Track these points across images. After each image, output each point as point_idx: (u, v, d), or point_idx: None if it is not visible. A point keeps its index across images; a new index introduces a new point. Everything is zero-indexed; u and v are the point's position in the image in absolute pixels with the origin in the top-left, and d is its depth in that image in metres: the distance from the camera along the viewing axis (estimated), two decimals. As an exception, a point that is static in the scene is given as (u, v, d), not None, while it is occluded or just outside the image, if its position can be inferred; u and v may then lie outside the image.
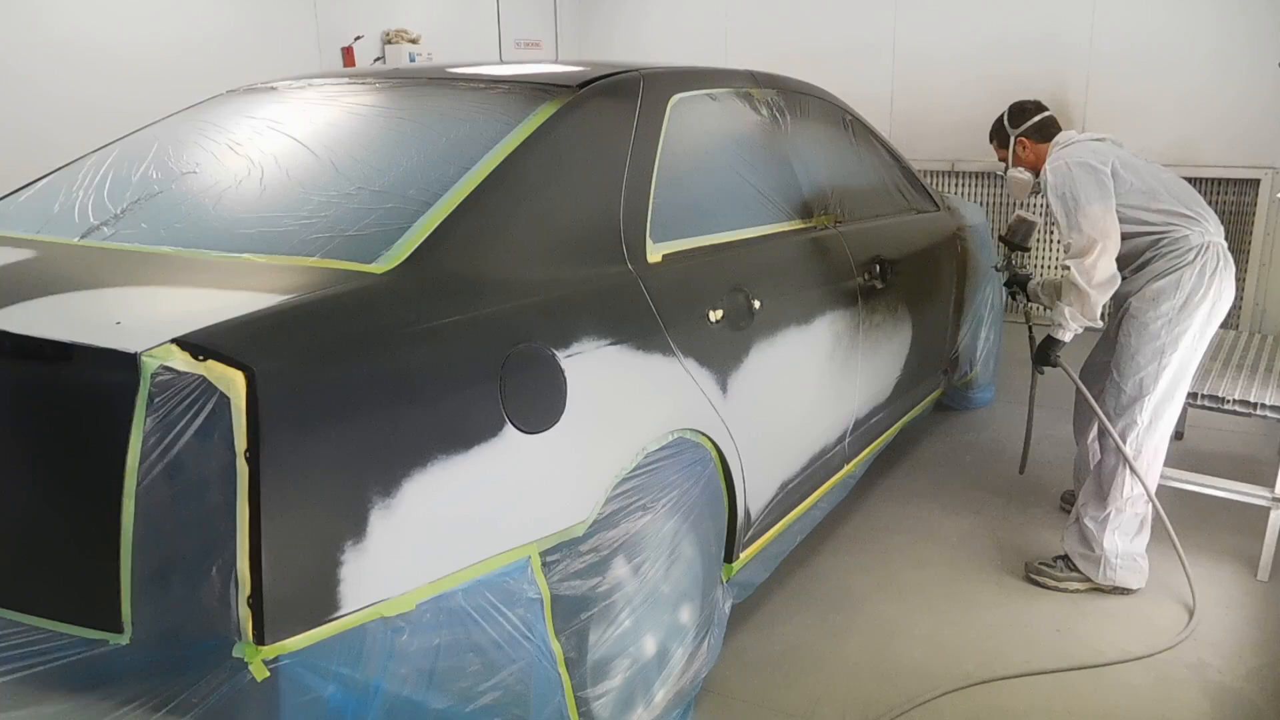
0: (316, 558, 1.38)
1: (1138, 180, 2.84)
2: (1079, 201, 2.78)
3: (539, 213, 1.94)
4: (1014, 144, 3.17)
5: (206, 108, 2.49)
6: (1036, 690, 2.39)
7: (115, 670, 1.36)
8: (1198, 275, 2.77)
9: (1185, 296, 2.77)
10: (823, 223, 2.89)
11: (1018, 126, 3.16)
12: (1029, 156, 3.16)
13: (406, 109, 2.25)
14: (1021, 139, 3.16)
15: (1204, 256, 2.79)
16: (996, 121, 3.26)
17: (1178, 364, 2.80)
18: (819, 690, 2.38)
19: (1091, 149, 2.89)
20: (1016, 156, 3.19)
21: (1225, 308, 2.86)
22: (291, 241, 1.75)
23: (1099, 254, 2.73)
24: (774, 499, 2.54)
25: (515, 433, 1.65)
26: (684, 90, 2.46)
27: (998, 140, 3.26)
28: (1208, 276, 2.78)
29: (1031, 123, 3.14)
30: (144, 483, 1.32)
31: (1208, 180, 5.69)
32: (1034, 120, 3.15)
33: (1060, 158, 2.91)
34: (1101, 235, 2.74)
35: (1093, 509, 2.87)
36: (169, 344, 1.32)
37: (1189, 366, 2.85)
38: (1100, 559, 2.83)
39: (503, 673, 1.65)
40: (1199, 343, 2.84)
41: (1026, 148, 3.16)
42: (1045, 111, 3.17)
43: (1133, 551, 2.85)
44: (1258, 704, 2.34)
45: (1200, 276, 2.77)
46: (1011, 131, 3.17)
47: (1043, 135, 3.13)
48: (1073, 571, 2.88)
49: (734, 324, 2.27)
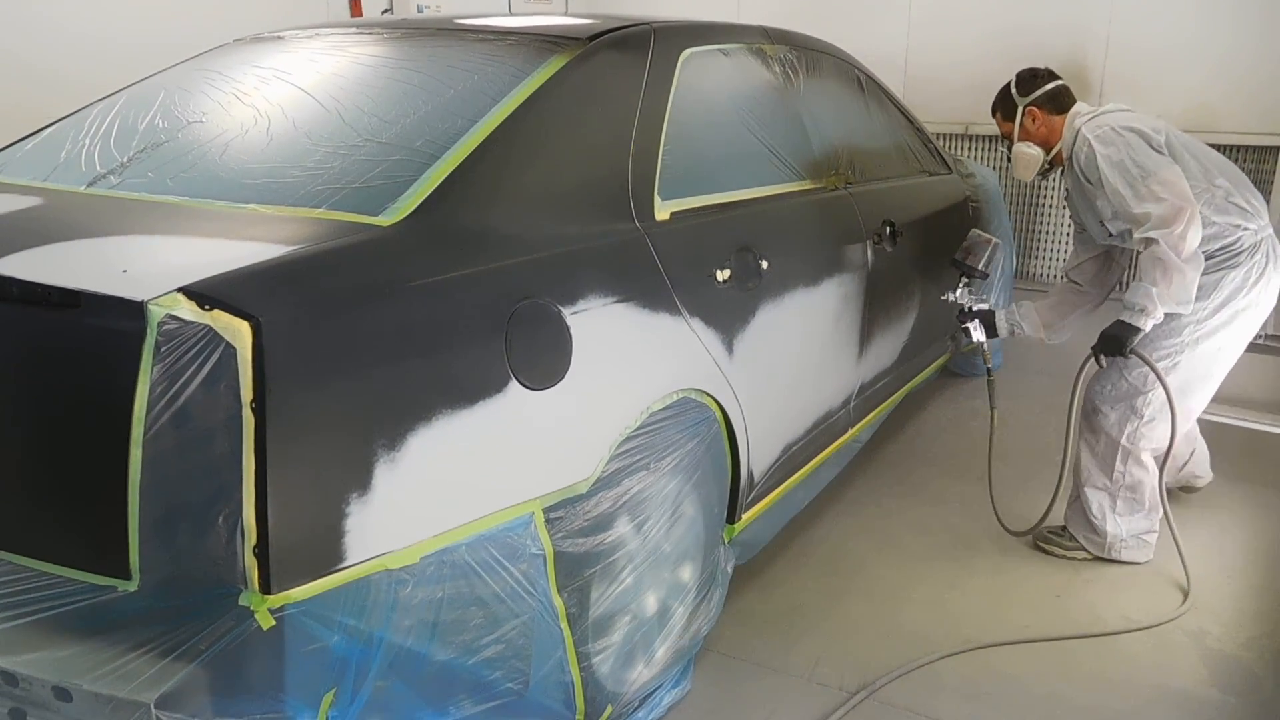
0: (322, 509, 1.39)
1: (1194, 162, 2.61)
2: (1146, 167, 2.52)
3: (546, 167, 1.93)
4: (1022, 114, 2.88)
5: (213, 56, 2.47)
6: (1035, 655, 2.41)
7: (123, 616, 1.38)
8: (1242, 278, 2.60)
9: (1223, 300, 2.60)
10: (833, 183, 2.86)
11: (1027, 94, 2.86)
12: (1039, 130, 2.87)
13: (414, 60, 2.22)
14: (1031, 109, 2.86)
15: (1254, 257, 2.61)
16: (1002, 91, 2.96)
17: (1188, 369, 2.64)
18: (818, 651, 2.40)
19: (1136, 116, 2.66)
20: (1024, 129, 2.89)
21: (1260, 318, 2.68)
22: (298, 192, 1.74)
23: (1187, 221, 2.44)
24: (777, 461, 2.54)
25: (520, 389, 1.65)
26: (695, 45, 2.43)
27: (1002, 112, 2.97)
28: (1251, 281, 2.62)
29: (1044, 90, 2.85)
30: (151, 431, 1.32)
31: (1226, 147, 5.61)
32: (1046, 89, 2.85)
33: (1103, 124, 2.65)
34: (1184, 199, 2.45)
35: (1091, 485, 2.83)
36: (175, 293, 1.32)
37: (1205, 380, 2.68)
38: (1104, 542, 2.82)
39: (505, 627, 1.67)
40: (1222, 355, 2.67)
41: (1037, 119, 2.86)
42: (1058, 80, 2.88)
43: (1137, 530, 2.81)
44: (1256, 671, 2.36)
45: (1245, 280, 2.61)
46: (1020, 100, 2.88)
47: (1056, 106, 2.85)
48: (1076, 540, 2.88)
49: (741, 284, 2.25)
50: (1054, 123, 2.87)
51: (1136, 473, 2.77)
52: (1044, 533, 2.91)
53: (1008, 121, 2.97)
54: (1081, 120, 2.75)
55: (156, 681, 1.33)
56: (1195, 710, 2.22)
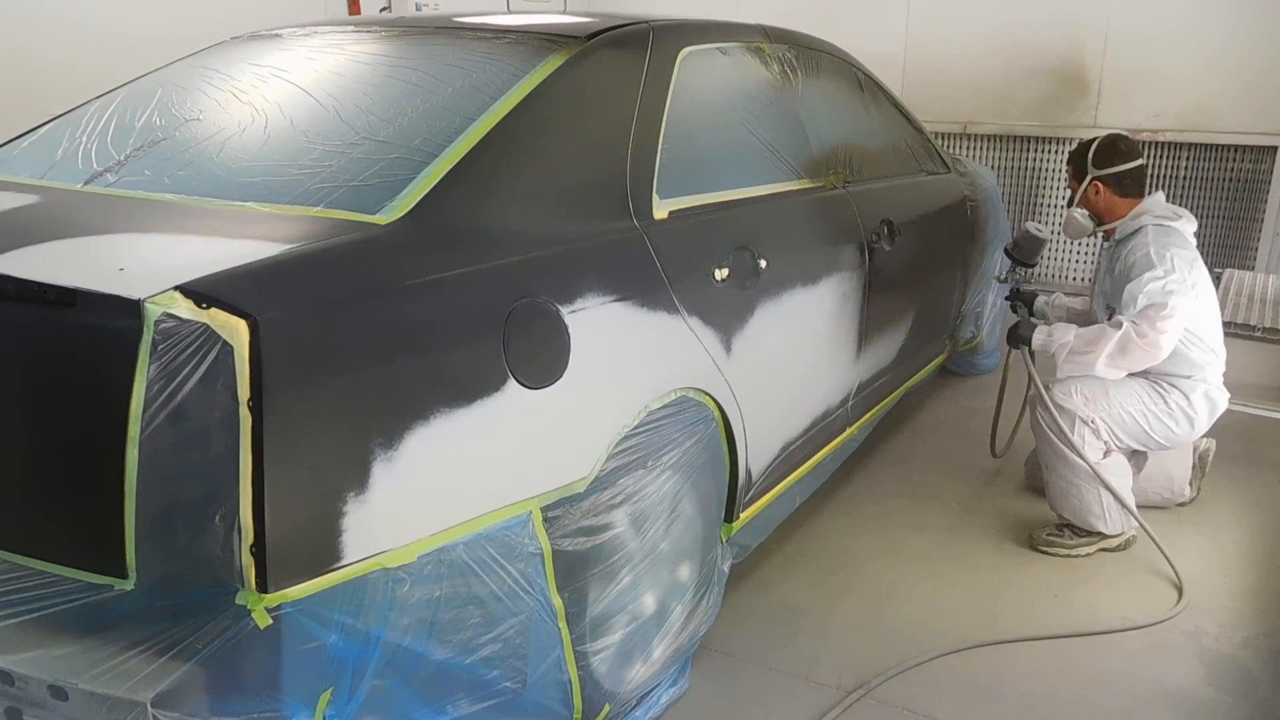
0: (319, 508, 1.39)
1: (1199, 305, 2.79)
2: (1169, 301, 2.68)
3: (544, 166, 1.93)
4: (1088, 184, 2.95)
5: (210, 54, 2.46)
6: (1033, 654, 2.41)
7: (119, 615, 1.38)
8: (1175, 399, 2.81)
9: (1144, 404, 2.80)
10: (831, 182, 2.86)
11: (1101, 168, 2.92)
12: (1099, 203, 2.95)
13: (412, 58, 2.22)
14: (1098, 183, 2.93)
15: (1190, 400, 2.81)
16: (1082, 147, 3.01)
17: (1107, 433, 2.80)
18: (816, 649, 2.40)
19: (1194, 254, 2.82)
20: (1085, 197, 2.97)
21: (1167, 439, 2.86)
22: (295, 191, 1.74)
23: (1152, 345, 2.67)
24: (775, 460, 2.54)
25: (518, 387, 1.65)
26: (694, 44, 2.43)
27: (1074, 169, 3.03)
28: (1175, 408, 2.81)
29: (1116, 169, 2.91)
30: (148, 430, 1.32)
31: (1222, 147, 5.62)
32: (1121, 168, 2.91)
33: (1166, 246, 2.77)
34: (1168, 346, 2.69)
35: (1054, 471, 2.86)
36: (172, 291, 1.32)
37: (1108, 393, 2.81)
38: (1101, 514, 2.82)
39: (502, 625, 1.66)
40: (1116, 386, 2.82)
41: (1100, 193, 2.94)
42: (1138, 160, 2.93)
43: (1119, 491, 2.82)
44: (1252, 671, 2.36)
45: (1174, 400, 2.81)
46: (1092, 170, 2.94)
47: (1123, 189, 2.93)
48: (1081, 536, 2.87)
49: (739, 283, 2.25)
50: (1116, 204, 2.95)
51: (1092, 440, 2.81)
52: (1044, 536, 2.90)
53: (1075, 180, 3.03)
54: (1150, 220, 2.86)
55: (153, 680, 1.32)
56: (1191, 709, 2.22)
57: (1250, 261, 5.62)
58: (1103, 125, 5.85)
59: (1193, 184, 5.78)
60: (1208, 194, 5.76)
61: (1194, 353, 2.83)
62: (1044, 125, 6.00)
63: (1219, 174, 5.71)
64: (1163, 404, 2.83)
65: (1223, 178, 5.70)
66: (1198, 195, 5.78)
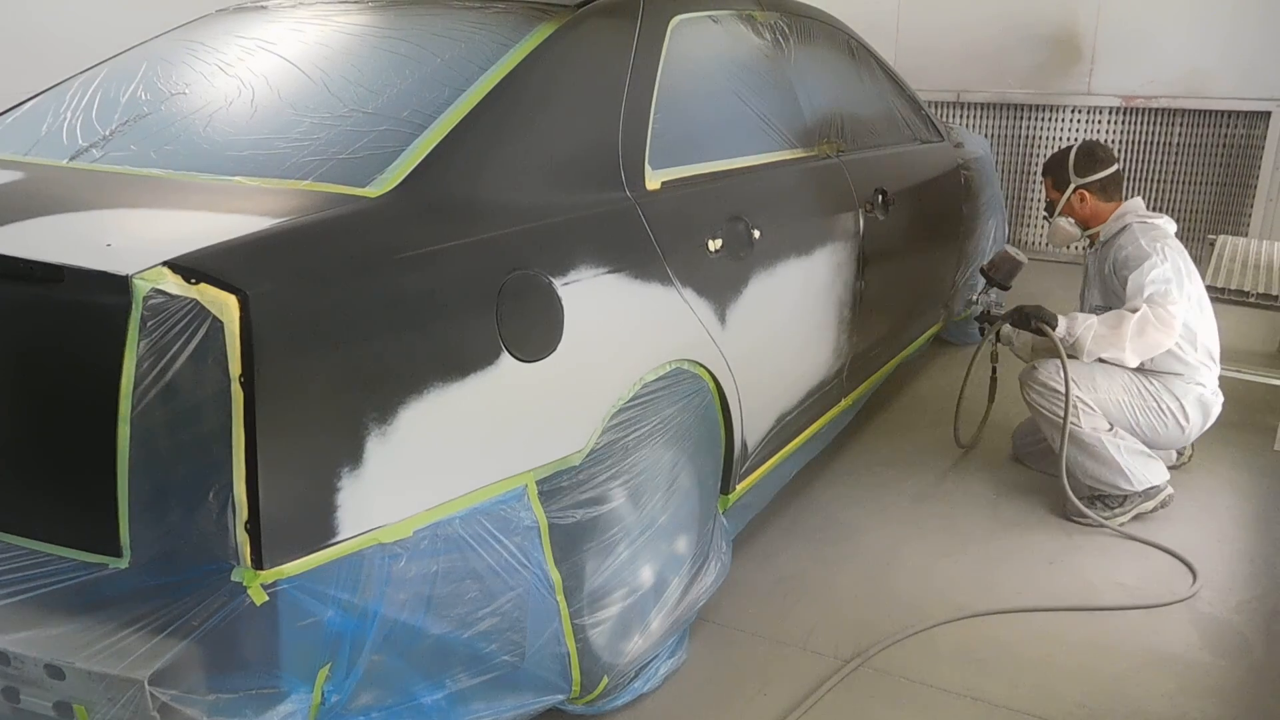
0: (313, 484, 1.38)
1: (1192, 305, 2.81)
2: (1169, 295, 2.73)
3: (535, 137, 1.90)
4: (1071, 192, 2.99)
5: (195, 27, 2.43)
6: (1028, 621, 2.42)
7: (114, 594, 1.37)
8: (1165, 399, 2.82)
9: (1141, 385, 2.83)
10: (825, 151, 2.84)
11: (1083, 176, 2.97)
12: (1084, 210, 3.00)
13: (400, 29, 2.19)
14: (1082, 190, 2.97)
15: (1183, 405, 2.83)
16: (1057, 158, 3.04)
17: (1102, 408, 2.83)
18: (813, 619, 2.41)
19: (1180, 250, 2.84)
20: (1069, 205, 3.01)
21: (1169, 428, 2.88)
22: (283, 164, 1.72)
23: (1180, 313, 2.71)
24: (771, 431, 2.54)
25: (511, 360, 1.64)
26: (685, 12, 2.40)
27: (1053, 179, 3.05)
28: (1168, 405, 2.83)
29: (1098, 176, 2.96)
30: (139, 407, 1.31)
31: (1216, 113, 5.60)
32: (1102, 174, 2.96)
33: (1155, 240, 2.81)
34: (1174, 332, 2.73)
35: (1069, 450, 2.83)
36: (161, 267, 1.31)
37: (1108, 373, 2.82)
38: (1124, 472, 2.81)
39: (500, 599, 1.66)
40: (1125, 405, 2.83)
41: (1085, 201, 2.98)
42: (1115, 165, 2.99)
43: (1134, 449, 2.83)
44: (1246, 635, 2.38)
45: (1164, 399, 2.83)
46: (1075, 179, 2.98)
47: (1106, 194, 2.98)
48: (1114, 506, 2.85)
49: (733, 254, 2.24)
50: (1100, 209, 3.00)
51: (1089, 413, 2.82)
52: (1079, 509, 2.84)
53: (1056, 190, 3.05)
54: (1134, 219, 2.90)
55: (150, 658, 1.32)
56: (1185, 674, 2.24)
57: (1244, 228, 5.62)
58: (1096, 92, 5.83)
59: (1186, 150, 5.77)
60: (1201, 160, 5.75)
61: (1186, 352, 2.84)
62: (1037, 93, 5.97)
63: (1212, 140, 5.69)
64: (1151, 399, 2.84)
65: (1216, 144, 5.69)
66: (1191, 162, 5.77)
